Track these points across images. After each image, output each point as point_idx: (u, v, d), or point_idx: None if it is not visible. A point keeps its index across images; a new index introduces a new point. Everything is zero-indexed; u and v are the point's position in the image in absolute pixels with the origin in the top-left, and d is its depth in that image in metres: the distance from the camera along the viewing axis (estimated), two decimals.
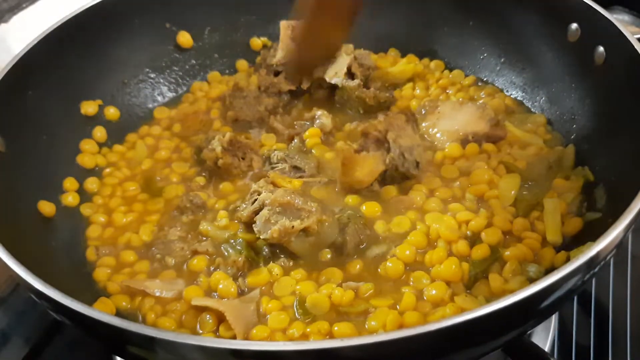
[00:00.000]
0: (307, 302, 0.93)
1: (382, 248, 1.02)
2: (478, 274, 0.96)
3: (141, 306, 0.97)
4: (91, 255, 1.06)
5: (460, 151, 1.15)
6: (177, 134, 1.28)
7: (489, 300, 0.90)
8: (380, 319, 0.90)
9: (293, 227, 0.97)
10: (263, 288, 0.98)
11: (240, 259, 0.99)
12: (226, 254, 1.02)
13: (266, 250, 1.01)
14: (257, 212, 1.01)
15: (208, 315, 0.93)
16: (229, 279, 0.98)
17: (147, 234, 1.08)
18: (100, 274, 1.03)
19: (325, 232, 1.01)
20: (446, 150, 1.16)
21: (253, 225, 1.00)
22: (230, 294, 0.96)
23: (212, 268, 1.01)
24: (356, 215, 1.04)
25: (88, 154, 1.20)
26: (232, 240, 1.03)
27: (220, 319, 0.92)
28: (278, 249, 1.01)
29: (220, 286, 0.96)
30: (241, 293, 0.97)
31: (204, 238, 1.06)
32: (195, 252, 1.03)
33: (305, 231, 0.99)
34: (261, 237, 0.98)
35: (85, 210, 1.13)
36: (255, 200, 1.02)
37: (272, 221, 0.98)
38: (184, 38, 1.37)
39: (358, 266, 0.99)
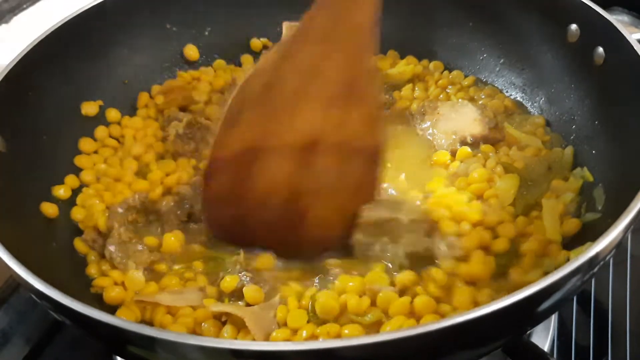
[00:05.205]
0: (316, 307, 0.91)
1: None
2: (500, 268, 0.95)
3: (153, 317, 0.94)
4: (80, 246, 1.04)
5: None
6: (159, 106, 1.26)
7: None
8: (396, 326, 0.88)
9: None
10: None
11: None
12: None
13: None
14: None
15: (226, 327, 0.90)
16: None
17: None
18: (93, 271, 1.02)
19: None
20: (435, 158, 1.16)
21: None
22: (259, 297, 0.93)
23: (220, 274, 0.97)
24: None
25: (88, 154, 1.19)
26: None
27: (239, 328, 0.89)
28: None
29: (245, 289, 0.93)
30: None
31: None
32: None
33: None
34: None
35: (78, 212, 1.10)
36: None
37: None
38: (191, 51, 1.37)
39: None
